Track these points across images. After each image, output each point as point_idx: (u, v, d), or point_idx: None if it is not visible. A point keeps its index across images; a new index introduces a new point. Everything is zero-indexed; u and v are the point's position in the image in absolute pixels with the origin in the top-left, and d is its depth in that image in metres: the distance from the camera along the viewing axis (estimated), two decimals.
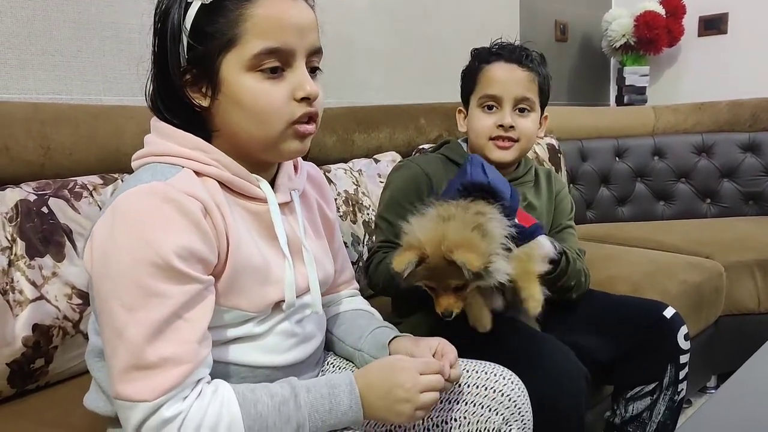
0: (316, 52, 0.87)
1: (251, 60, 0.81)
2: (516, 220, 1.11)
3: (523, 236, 1.11)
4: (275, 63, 0.82)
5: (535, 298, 1.10)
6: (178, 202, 0.77)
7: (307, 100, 0.84)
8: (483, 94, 1.35)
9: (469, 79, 1.39)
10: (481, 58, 1.37)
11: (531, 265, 1.13)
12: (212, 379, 0.80)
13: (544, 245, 1.18)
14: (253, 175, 0.89)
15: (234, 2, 0.81)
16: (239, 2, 0.81)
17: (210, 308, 0.80)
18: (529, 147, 1.38)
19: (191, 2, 0.81)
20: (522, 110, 1.33)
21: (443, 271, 1.00)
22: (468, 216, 1.03)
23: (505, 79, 1.33)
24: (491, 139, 1.33)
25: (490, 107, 1.34)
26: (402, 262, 1.00)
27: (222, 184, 0.85)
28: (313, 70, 0.88)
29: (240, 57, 0.81)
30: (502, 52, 1.35)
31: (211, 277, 0.81)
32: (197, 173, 0.83)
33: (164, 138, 0.85)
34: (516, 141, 1.33)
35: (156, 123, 0.87)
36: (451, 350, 0.95)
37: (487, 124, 1.33)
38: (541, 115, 1.39)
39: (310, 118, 0.87)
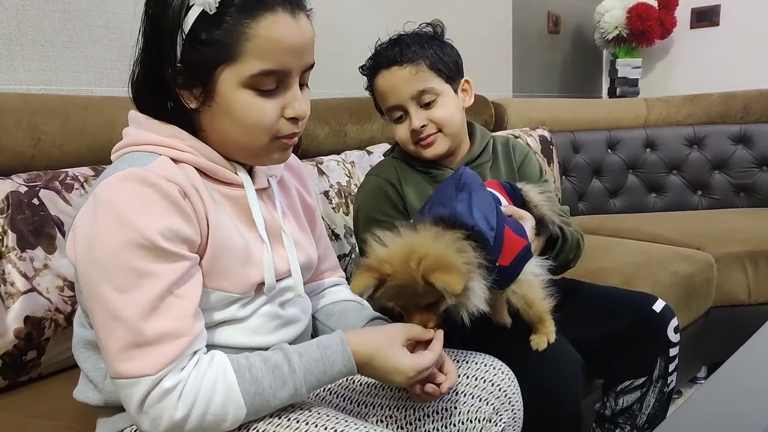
0: (311, 67, 0.89)
1: (249, 79, 0.82)
2: (497, 264, 1.01)
3: (504, 278, 1.03)
4: (272, 83, 0.83)
5: (548, 337, 1.11)
6: (157, 185, 0.78)
7: (295, 119, 0.86)
8: (385, 109, 1.32)
9: (372, 96, 1.36)
10: (368, 74, 1.33)
11: (538, 306, 1.08)
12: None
13: (528, 276, 1.08)
14: (231, 162, 0.90)
15: (235, 17, 0.80)
16: (241, 18, 0.80)
17: (199, 285, 0.82)
18: (456, 129, 1.31)
19: (192, 5, 0.80)
20: (427, 103, 1.26)
21: (413, 290, 0.90)
22: (444, 240, 0.93)
23: (392, 86, 1.27)
24: (415, 144, 1.30)
25: (399, 117, 1.30)
26: (359, 285, 0.90)
27: (199, 170, 0.86)
28: (302, 84, 0.89)
29: (238, 73, 0.82)
30: (381, 60, 1.28)
31: (196, 255, 0.82)
32: (174, 160, 0.84)
33: (141, 128, 0.87)
34: (438, 132, 1.28)
35: (133, 114, 0.89)
36: (449, 367, 0.94)
37: (404, 134, 1.30)
38: (457, 86, 1.32)
39: (294, 132, 0.89)
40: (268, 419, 0.83)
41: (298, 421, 0.82)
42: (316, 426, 0.81)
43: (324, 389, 1.05)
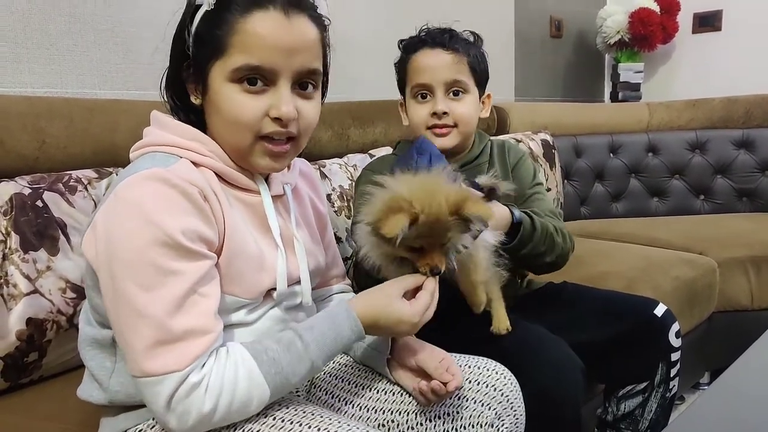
0: (309, 72, 0.88)
1: (232, 72, 0.84)
2: None
3: None
4: (255, 78, 0.84)
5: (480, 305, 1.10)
6: (180, 187, 0.79)
7: (279, 120, 0.86)
8: (414, 84, 1.33)
9: (401, 71, 1.38)
10: (408, 48, 1.35)
11: (480, 272, 1.08)
12: None
13: (479, 242, 1.07)
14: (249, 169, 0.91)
15: (230, 15, 0.83)
16: (235, 16, 0.83)
17: (219, 285, 0.83)
18: (470, 130, 1.35)
19: (200, 5, 0.85)
20: (456, 93, 1.31)
21: (436, 229, 0.91)
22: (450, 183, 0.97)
23: (432, 65, 1.30)
24: (429, 128, 1.32)
25: (423, 96, 1.32)
26: (396, 225, 0.87)
27: (218, 175, 0.87)
28: (304, 87, 0.89)
29: (224, 67, 0.84)
30: (426, 39, 1.32)
31: (215, 255, 0.84)
32: (195, 164, 0.85)
33: (163, 129, 0.88)
34: (454, 126, 1.31)
35: (156, 115, 0.91)
36: (455, 369, 0.95)
37: (422, 114, 1.32)
38: (481, 95, 1.37)
39: (288, 138, 0.89)
40: (261, 419, 0.83)
41: (292, 423, 0.82)
42: (309, 427, 0.81)
43: (327, 393, 1.05)
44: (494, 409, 0.95)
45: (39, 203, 1.20)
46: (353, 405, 1.02)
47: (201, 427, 0.78)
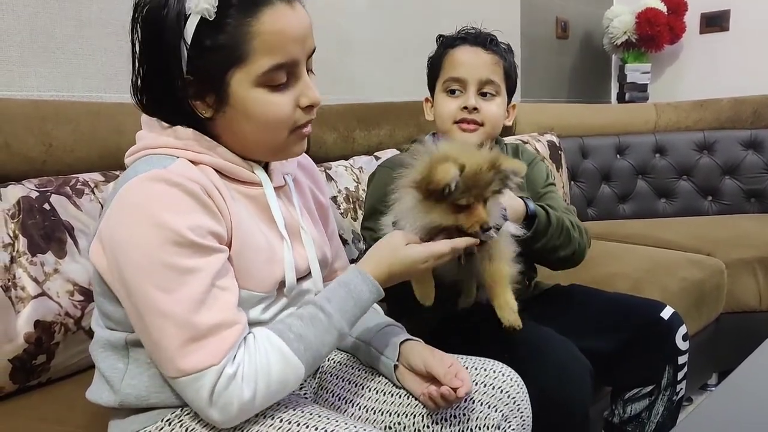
0: (312, 52, 0.90)
1: (261, 77, 0.83)
2: None
3: None
4: (283, 76, 0.85)
5: (510, 306, 1.03)
6: (182, 185, 0.79)
7: (310, 107, 0.88)
8: (447, 77, 1.34)
9: (435, 64, 1.39)
10: (447, 43, 1.37)
11: (505, 263, 1.06)
12: None
13: (504, 233, 1.08)
14: (248, 161, 0.91)
15: (235, 18, 0.81)
16: (241, 18, 0.81)
17: (234, 277, 0.84)
18: (494, 133, 1.36)
19: (189, 15, 0.80)
20: (486, 94, 1.32)
21: (480, 181, 0.95)
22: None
23: (469, 61, 1.32)
24: (456, 122, 1.32)
25: (453, 91, 1.33)
26: (447, 172, 0.90)
27: (218, 171, 0.87)
28: (309, 68, 0.90)
29: (249, 73, 0.83)
30: (467, 36, 1.35)
31: (227, 248, 0.84)
32: (193, 162, 0.85)
33: (156, 132, 0.88)
34: (480, 125, 1.32)
35: (147, 119, 0.90)
36: (464, 375, 0.94)
37: (451, 108, 1.32)
38: (508, 104, 1.38)
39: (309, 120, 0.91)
40: (267, 422, 0.84)
41: (299, 425, 0.83)
42: (316, 429, 0.81)
43: (333, 394, 1.05)
44: (501, 411, 0.95)
45: (46, 206, 1.20)
46: (360, 407, 1.02)
47: (244, 415, 0.80)
